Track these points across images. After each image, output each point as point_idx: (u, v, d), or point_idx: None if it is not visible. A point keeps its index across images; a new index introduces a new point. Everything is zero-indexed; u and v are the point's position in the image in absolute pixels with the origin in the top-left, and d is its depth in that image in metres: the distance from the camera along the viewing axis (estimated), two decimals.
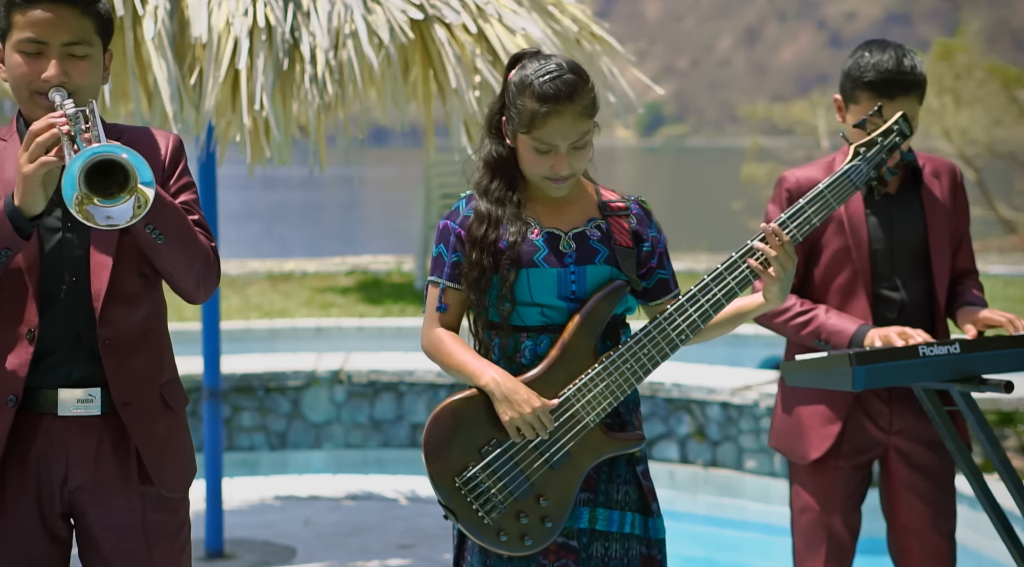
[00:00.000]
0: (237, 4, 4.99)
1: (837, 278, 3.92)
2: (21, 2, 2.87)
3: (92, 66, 2.92)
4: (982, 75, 22.36)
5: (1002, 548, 4.68)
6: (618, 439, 3.16)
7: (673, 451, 7.51)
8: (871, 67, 3.82)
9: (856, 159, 3.37)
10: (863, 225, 3.90)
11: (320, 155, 5.19)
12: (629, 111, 5.63)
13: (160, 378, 3.02)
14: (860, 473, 3.99)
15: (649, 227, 3.26)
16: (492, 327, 3.18)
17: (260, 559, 6.08)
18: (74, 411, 2.92)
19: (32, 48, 2.88)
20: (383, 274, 14.34)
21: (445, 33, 5.21)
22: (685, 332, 3.16)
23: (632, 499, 3.20)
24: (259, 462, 7.94)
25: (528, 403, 3.06)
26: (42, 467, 2.93)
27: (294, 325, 10.38)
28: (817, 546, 3.96)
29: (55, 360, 2.92)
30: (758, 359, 8.90)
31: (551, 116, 3.08)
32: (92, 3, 2.92)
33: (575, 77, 3.11)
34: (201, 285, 2.98)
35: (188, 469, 3.07)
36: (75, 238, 2.93)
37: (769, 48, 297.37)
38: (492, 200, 3.17)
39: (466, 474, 3.11)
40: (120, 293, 2.94)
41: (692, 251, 16.74)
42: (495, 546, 3.11)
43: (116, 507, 2.96)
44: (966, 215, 4.04)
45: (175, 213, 2.87)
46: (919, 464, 3.94)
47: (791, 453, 3.99)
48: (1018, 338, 3.69)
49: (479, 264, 3.14)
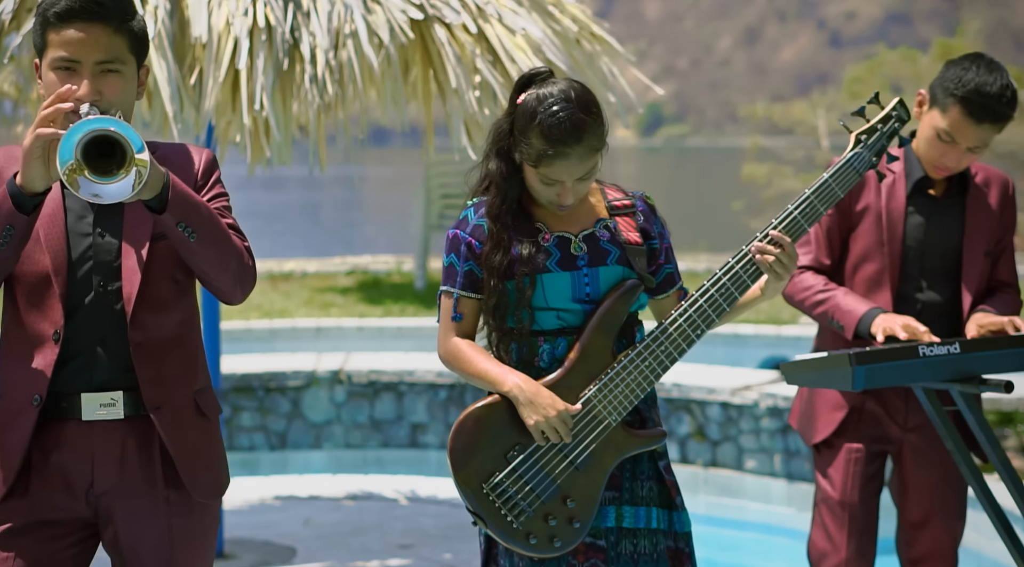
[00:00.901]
0: (237, 4, 4.99)
1: (865, 268, 3.95)
2: (55, 21, 2.89)
3: (124, 83, 2.93)
4: None
5: (1002, 548, 4.69)
6: (640, 436, 3.19)
7: (673, 451, 7.51)
8: (971, 85, 3.79)
9: (858, 147, 3.41)
10: (900, 220, 3.92)
11: (320, 155, 5.19)
12: (629, 111, 5.64)
13: (194, 384, 3.03)
14: (877, 461, 4.02)
15: (655, 223, 3.29)
16: (509, 333, 3.19)
17: (260, 559, 6.08)
18: (97, 414, 2.92)
19: (66, 66, 2.89)
20: (383, 274, 14.35)
21: (445, 33, 5.21)
22: (699, 325, 3.19)
23: (655, 494, 3.23)
24: (259, 462, 7.94)
25: (553, 407, 3.09)
26: (67, 473, 2.93)
27: (294, 325, 10.38)
28: (839, 528, 3.98)
29: (78, 365, 2.93)
30: (758, 359, 8.89)
31: (558, 157, 3.09)
32: (125, 21, 2.93)
33: (583, 116, 3.09)
34: (237, 284, 2.97)
35: (222, 477, 3.08)
36: (106, 244, 2.95)
37: (769, 48, 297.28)
38: (502, 222, 3.18)
39: (493, 480, 3.13)
40: (152, 298, 2.95)
41: (692, 251, 16.73)
42: (525, 549, 3.13)
43: (142, 511, 2.97)
44: (1012, 228, 4.03)
45: (206, 212, 2.88)
46: (933, 462, 3.96)
47: (803, 433, 4.08)
48: (1018, 338, 3.70)
49: (497, 290, 3.16)
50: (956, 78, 3.82)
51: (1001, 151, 22.46)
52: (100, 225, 2.95)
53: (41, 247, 2.91)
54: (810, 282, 3.94)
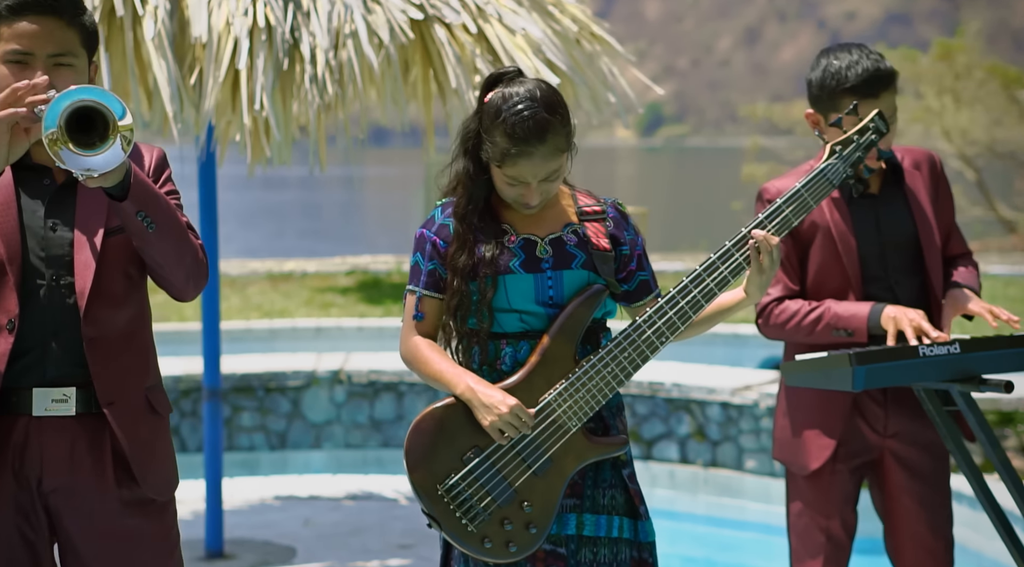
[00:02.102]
0: (237, 4, 4.99)
1: (828, 285, 3.90)
2: (7, 14, 2.88)
3: (76, 77, 2.92)
4: (982, 75, 22.37)
5: (1002, 548, 4.69)
6: (601, 443, 3.15)
7: (673, 451, 7.51)
8: (846, 72, 3.78)
9: (832, 157, 3.38)
10: (849, 230, 3.88)
11: (320, 155, 5.19)
12: (629, 111, 5.63)
13: (145, 381, 3.01)
14: (857, 476, 3.98)
15: (626, 230, 3.26)
16: (472, 335, 3.16)
17: (260, 559, 6.08)
18: (48, 410, 2.90)
19: (19, 59, 2.89)
20: (383, 274, 14.35)
21: (445, 33, 5.21)
22: (664, 333, 3.15)
23: (619, 503, 3.19)
24: (259, 462, 7.94)
25: (504, 403, 3.06)
26: (17, 469, 2.91)
27: (294, 325, 10.37)
28: (815, 548, 3.96)
29: (31, 359, 2.90)
30: (758, 359, 8.89)
31: (521, 157, 3.08)
32: (77, 15, 2.93)
33: (547, 116, 3.08)
34: (191, 280, 2.97)
35: (173, 474, 3.06)
36: (58, 237, 2.93)
37: (769, 48, 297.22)
38: (468, 223, 3.17)
39: (448, 482, 3.11)
40: (105, 293, 2.93)
41: (692, 251, 16.74)
42: (480, 554, 3.10)
43: (92, 510, 2.94)
44: (950, 202, 4.01)
45: (165, 204, 2.87)
46: (914, 467, 3.93)
47: (791, 464, 3.98)
48: (1018, 338, 3.69)
49: (459, 291, 3.14)
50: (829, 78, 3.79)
51: (1001, 151, 22.51)
52: (52, 217, 2.93)
53: None
54: (793, 308, 3.88)
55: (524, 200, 3.14)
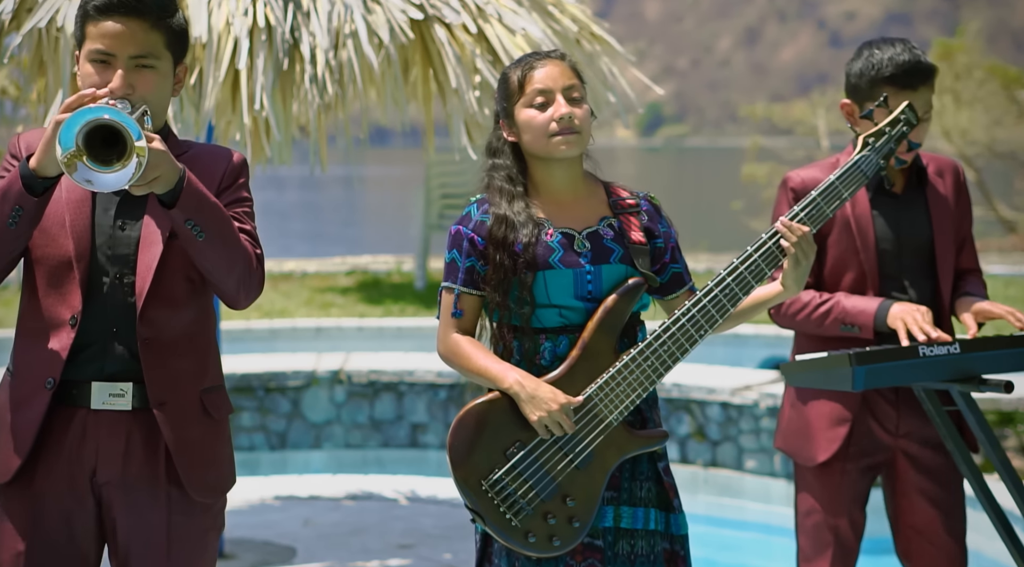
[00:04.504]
0: (237, 4, 4.99)
1: (844, 278, 3.91)
2: (94, 13, 2.92)
3: (158, 79, 2.96)
4: (982, 75, 22.36)
5: (1002, 548, 4.68)
6: (642, 436, 3.18)
7: (673, 451, 7.51)
8: (888, 63, 3.81)
9: (866, 150, 3.40)
10: (870, 225, 3.90)
11: (320, 155, 5.20)
12: (629, 111, 5.63)
13: (202, 383, 3.04)
14: (867, 476, 3.98)
15: (660, 222, 3.29)
16: (511, 330, 3.19)
17: (260, 559, 6.08)
18: (105, 404, 2.94)
19: (101, 58, 2.93)
20: (383, 274, 14.35)
21: (445, 33, 5.21)
22: (703, 326, 3.17)
23: (653, 495, 3.22)
24: (259, 462, 7.94)
25: (554, 400, 3.08)
26: (73, 460, 2.96)
27: (294, 325, 10.38)
28: (823, 548, 3.96)
29: (91, 353, 2.95)
30: (758, 359, 8.89)
31: (535, 68, 3.21)
32: (163, 18, 2.96)
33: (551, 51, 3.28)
34: (242, 289, 2.98)
35: (224, 478, 3.08)
36: (126, 236, 2.97)
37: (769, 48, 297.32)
38: (506, 219, 3.19)
39: (492, 477, 3.12)
40: (164, 295, 2.96)
41: (692, 251, 16.73)
42: (523, 548, 3.12)
43: (141, 505, 2.98)
44: (969, 214, 4.04)
45: (217, 212, 2.88)
46: (927, 467, 3.92)
47: (798, 455, 3.97)
48: (1018, 338, 3.69)
49: (502, 265, 3.16)
50: (868, 68, 3.82)
51: (1001, 151, 22.51)
52: (122, 217, 2.97)
53: (66, 232, 2.94)
54: (805, 299, 3.89)
55: (556, 115, 3.16)
